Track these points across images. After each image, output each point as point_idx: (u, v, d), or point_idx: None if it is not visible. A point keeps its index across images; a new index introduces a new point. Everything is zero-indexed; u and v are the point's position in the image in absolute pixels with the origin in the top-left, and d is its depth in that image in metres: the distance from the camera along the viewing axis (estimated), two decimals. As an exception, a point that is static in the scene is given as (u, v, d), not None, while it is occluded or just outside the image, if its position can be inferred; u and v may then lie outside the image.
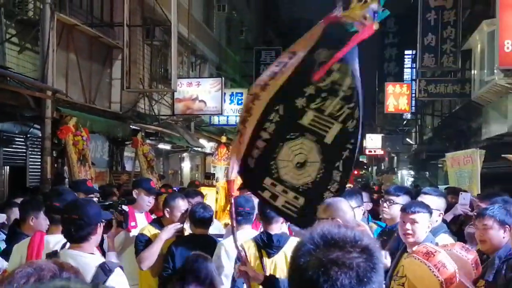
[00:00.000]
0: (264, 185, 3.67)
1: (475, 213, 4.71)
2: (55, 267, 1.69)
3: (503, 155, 12.28)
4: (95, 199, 5.05)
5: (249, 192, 5.77)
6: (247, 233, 4.95)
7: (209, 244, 5.04)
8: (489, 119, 17.41)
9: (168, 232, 5.20)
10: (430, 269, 3.55)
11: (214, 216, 7.73)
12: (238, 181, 4.87)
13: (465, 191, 8.51)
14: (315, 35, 3.38)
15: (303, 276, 1.48)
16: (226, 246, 4.78)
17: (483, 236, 4.13)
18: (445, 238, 4.65)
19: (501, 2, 13.72)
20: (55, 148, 10.29)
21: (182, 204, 5.46)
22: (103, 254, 4.55)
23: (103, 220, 3.79)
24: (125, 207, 5.01)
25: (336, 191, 3.64)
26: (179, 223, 5.29)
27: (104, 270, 3.37)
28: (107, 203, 4.87)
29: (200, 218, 5.23)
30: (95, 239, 3.62)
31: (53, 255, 3.58)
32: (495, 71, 15.33)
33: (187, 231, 5.59)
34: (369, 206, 7.16)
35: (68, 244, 3.71)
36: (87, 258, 3.44)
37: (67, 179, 10.29)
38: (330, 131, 3.45)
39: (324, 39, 3.35)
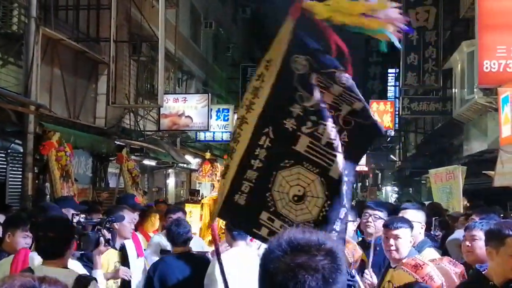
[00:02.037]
0: (260, 221, 3.01)
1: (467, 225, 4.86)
2: (32, 281, 1.62)
3: (483, 172, 12.50)
4: (83, 216, 4.96)
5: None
6: (242, 249, 4.92)
7: (198, 262, 4.99)
8: (470, 136, 17.77)
9: (116, 275, 5.06)
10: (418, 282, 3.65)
11: (198, 234, 7.70)
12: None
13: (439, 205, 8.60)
14: (286, 35, 2.83)
15: (274, 280, 1.58)
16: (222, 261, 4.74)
17: (470, 246, 4.28)
18: (431, 253, 4.74)
19: (480, 24, 14.19)
20: (37, 164, 10.11)
21: (130, 215, 5.43)
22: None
23: (76, 237, 3.83)
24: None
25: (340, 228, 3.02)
26: (130, 273, 5.11)
27: (80, 283, 3.42)
28: (95, 221, 4.83)
29: (177, 235, 5.12)
30: (68, 254, 3.70)
31: (27, 272, 3.56)
32: (474, 90, 15.70)
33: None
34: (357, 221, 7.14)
35: None
36: (62, 273, 3.47)
37: (48, 196, 10.11)
38: (334, 164, 2.82)
39: (296, 40, 2.82)
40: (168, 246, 6.01)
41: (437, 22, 21.53)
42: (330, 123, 2.80)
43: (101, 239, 4.53)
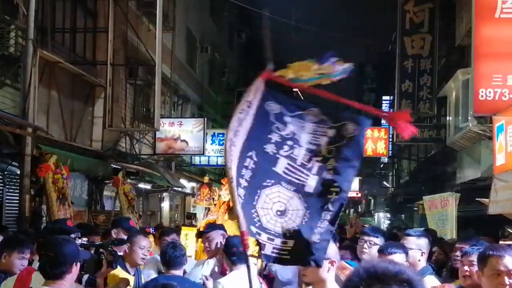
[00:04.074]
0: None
1: (461, 253, 4.90)
2: None
3: (477, 199, 12.46)
4: (85, 239, 4.99)
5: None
6: (242, 274, 4.81)
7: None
8: (463, 164, 17.74)
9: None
10: None
11: (194, 257, 7.66)
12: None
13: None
14: (259, 87, 3.49)
15: None
16: (224, 284, 4.77)
17: (469, 271, 4.31)
18: (432, 280, 4.77)
19: (477, 52, 14.16)
20: (33, 186, 10.07)
21: (143, 241, 5.35)
22: None
23: (80, 260, 3.77)
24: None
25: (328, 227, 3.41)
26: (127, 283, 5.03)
27: None
28: (97, 243, 4.90)
29: (172, 258, 5.05)
30: (70, 277, 3.61)
31: None
32: (469, 118, 15.59)
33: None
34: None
35: None
36: None
37: (44, 218, 10.06)
38: (308, 181, 3.36)
39: (267, 92, 3.52)
40: None
41: (432, 50, 21.32)
42: (303, 150, 3.40)
43: (103, 261, 4.55)
